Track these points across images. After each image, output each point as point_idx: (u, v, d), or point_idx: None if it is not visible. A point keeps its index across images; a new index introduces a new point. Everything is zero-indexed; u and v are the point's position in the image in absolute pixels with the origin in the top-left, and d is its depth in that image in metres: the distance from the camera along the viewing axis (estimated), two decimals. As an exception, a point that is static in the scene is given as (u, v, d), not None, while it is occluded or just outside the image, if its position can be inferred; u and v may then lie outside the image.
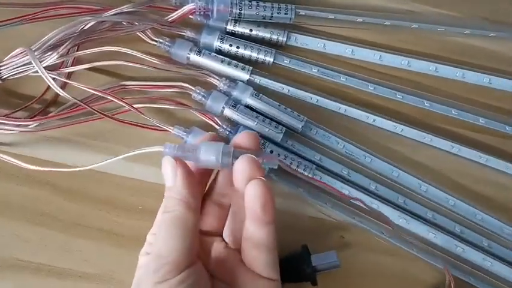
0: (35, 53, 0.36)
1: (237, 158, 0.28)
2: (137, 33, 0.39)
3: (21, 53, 0.36)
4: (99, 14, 0.38)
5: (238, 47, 0.40)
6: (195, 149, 0.29)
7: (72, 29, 0.37)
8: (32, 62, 0.35)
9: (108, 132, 0.39)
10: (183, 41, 0.40)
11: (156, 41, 0.40)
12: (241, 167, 0.28)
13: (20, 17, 0.37)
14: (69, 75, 0.39)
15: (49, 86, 0.36)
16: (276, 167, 0.31)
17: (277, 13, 0.40)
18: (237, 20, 0.41)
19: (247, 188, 0.27)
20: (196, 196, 0.29)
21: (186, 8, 0.39)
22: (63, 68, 0.38)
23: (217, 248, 0.30)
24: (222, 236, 0.32)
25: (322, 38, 0.43)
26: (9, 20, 0.36)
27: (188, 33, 0.40)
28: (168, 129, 0.38)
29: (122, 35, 0.39)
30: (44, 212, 0.37)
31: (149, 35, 0.40)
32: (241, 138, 0.30)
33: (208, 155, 0.28)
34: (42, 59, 0.37)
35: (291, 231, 0.38)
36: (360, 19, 0.42)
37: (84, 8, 0.39)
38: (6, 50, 0.37)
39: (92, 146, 0.39)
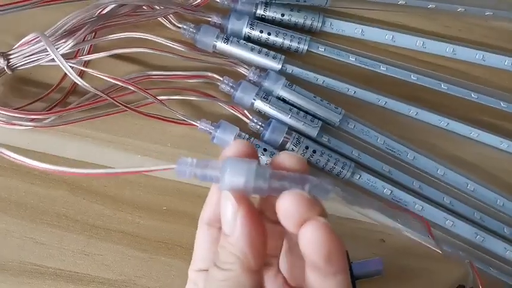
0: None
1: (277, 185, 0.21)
2: (159, 18, 0.36)
3: (34, 39, 0.33)
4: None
5: (269, 34, 0.37)
6: (218, 167, 0.21)
7: (89, 13, 0.34)
8: (47, 48, 0.32)
9: (129, 127, 0.36)
10: (208, 27, 0.37)
11: (179, 27, 0.37)
12: (287, 207, 0.20)
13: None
14: (84, 65, 0.36)
15: (65, 75, 0.33)
16: (327, 199, 0.21)
17: (313, -6, 0.37)
18: (268, 3, 0.37)
19: (301, 234, 0.20)
20: (261, 253, 0.20)
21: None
22: (79, 56, 0.35)
23: (274, 283, 0.24)
24: (278, 264, 0.24)
25: (360, 23, 0.39)
26: (19, 2, 0.32)
27: (214, 19, 0.37)
28: (194, 123, 0.35)
29: (142, 21, 0.36)
30: (61, 214, 0.34)
31: (172, 20, 0.37)
32: (282, 159, 0.22)
33: (236, 175, 0.21)
34: (57, 46, 0.33)
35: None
36: (401, 1, 0.38)
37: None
38: (16, 35, 0.34)
39: (113, 142, 0.36)
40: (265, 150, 0.34)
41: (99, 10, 0.34)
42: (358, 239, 0.36)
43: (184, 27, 0.37)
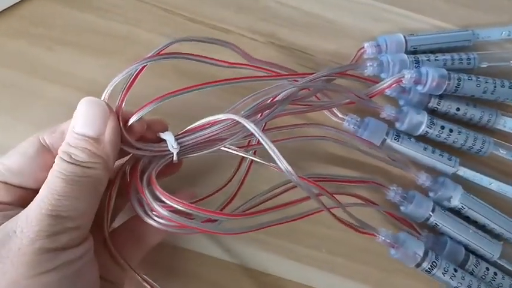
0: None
1: None
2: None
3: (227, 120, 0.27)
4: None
5: (451, 131, 0.33)
6: None
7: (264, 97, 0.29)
8: (256, 135, 0.25)
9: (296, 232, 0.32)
10: (377, 121, 0.33)
11: (343, 118, 0.33)
12: None
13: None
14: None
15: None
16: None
17: (501, 86, 0.33)
18: (442, 96, 0.33)
19: None
20: (114, 160, 0.24)
21: (393, 79, 0.32)
22: (250, 145, 0.31)
23: None
24: None
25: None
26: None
27: (388, 111, 0.33)
28: (374, 233, 0.30)
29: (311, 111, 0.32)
30: None
31: (334, 111, 0.33)
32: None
33: None
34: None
35: None
36: None
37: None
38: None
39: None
40: (455, 270, 0.30)
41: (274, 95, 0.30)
42: None
43: (349, 119, 0.33)
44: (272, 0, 0.37)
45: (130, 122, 0.25)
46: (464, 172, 0.33)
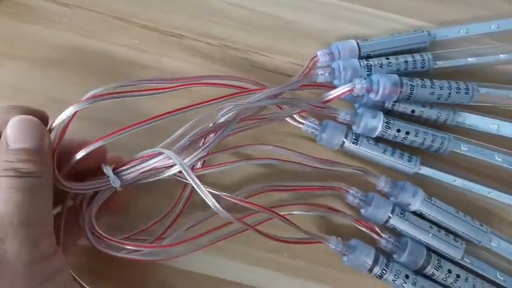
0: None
1: None
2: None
3: (159, 154, 0.28)
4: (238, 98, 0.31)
5: (407, 133, 0.32)
6: None
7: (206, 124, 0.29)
8: (184, 171, 0.27)
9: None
10: (336, 124, 0.33)
11: (302, 123, 0.32)
12: None
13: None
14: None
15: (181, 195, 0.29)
16: None
17: (456, 92, 0.32)
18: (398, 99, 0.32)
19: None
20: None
21: (343, 89, 0.31)
22: (194, 169, 0.30)
23: None
24: None
25: (497, 118, 0.34)
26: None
27: (342, 115, 0.32)
28: (324, 242, 0.30)
29: (268, 123, 0.32)
30: None
31: (295, 116, 0.32)
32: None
33: None
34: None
35: None
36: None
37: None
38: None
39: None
40: (406, 277, 0.30)
41: (220, 117, 0.29)
42: None
43: (308, 123, 0.32)
44: (226, 3, 0.36)
45: (77, 157, 0.26)
46: (427, 171, 0.33)
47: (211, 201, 0.27)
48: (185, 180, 0.28)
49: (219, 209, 0.27)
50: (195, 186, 0.27)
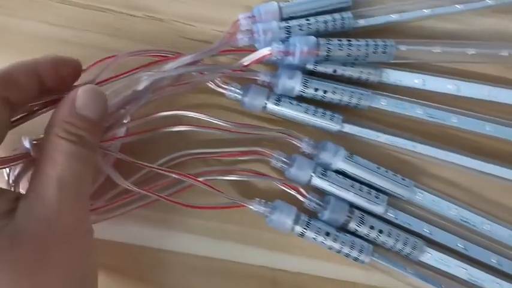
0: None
1: None
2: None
3: None
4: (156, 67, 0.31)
5: (325, 91, 0.32)
6: None
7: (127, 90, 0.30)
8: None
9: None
10: (258, 87, 0.33)
11: (225, 88, 0.33)
12: None
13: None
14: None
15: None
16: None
17: (374, 52, 0.32)
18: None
19: None
20: None
21: (261, 53, 0.31)
22: (115, 139, 0.31)
23: None
24: None
25: (420, 73, 0.34)
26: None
27: (262, 77, 0.33)
28: (246, 205, 0.31)
29: (188, 90, 0.32)
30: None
31: (217, 82, 0.33)
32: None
33: None
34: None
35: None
36: (472, 51, 0.33)
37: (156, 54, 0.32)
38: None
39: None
40: (327, 234, 0.30)
41: (135, 87, 0.30)
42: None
43: (231, 88, 0.32)
44: (149, -26, 0.36)
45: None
46: (351, 128, 0.33)
47: (108, 170, 0.28)
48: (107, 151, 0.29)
49: (121, 180, 0.28)
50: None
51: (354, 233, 0.32)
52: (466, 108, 0.34)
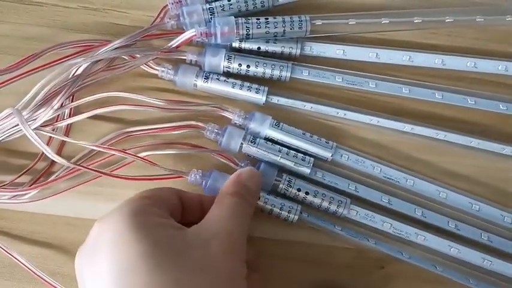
0: (24, 113, 0.31)
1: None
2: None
3: (10, 114, 0.31)
4: (91, 53, 0.33)
5: (248, 66, 0.35)
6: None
7: (63, 76, 0.32)
8: (20, 126, 0.30)
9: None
10: (187, 66, 0.35)
11: (157, 69, 0.35)
12: None
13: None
14: (67, 129, 0.35)
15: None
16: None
17: (290, 28, 0.34)
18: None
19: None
20: None
21: (186, 35, 0.34)
22: (59, 121, 0.33)
23: None
24: None
25: (341, 44, 0.37)
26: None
27: (189, 56, 0.35)
28: (184, 176, 0.33)
29: (122, 73, 0.34)
30: None
31: (150, 64, 0.35)
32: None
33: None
34: (35, 117, 0.32)
35: (325, 266, 0.34)
36: (385, 20, 0.36)
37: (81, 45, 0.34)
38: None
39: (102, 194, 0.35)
40: (258, 198, 0.33)
41: (74, 70, 0.32)
42: (356, 268, 0.35)
43: (163, 69, 0.35)
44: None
45: None
46: (278, 99, 0.35)
47: (41, 145, 0.30)
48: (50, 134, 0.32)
49: (53, 155, 0.31)
50: (32, 140, 0.31)
51: (284, 195, 0.34)
52: (386, 74, 0.37)
